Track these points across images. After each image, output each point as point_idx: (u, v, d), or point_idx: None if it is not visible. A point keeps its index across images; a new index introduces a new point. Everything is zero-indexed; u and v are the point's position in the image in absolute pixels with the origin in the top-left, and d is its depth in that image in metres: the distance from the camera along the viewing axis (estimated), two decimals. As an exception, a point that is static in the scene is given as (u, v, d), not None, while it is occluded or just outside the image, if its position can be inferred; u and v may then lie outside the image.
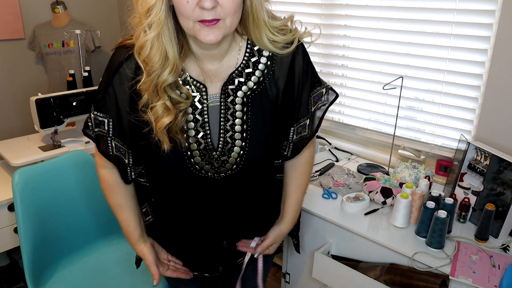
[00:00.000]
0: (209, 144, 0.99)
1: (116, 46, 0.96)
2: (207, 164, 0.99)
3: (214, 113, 0.98)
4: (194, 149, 0.98)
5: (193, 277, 1.19)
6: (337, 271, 1.46)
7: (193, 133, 0.97)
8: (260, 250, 1.15)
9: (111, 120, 0.97)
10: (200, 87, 0.96)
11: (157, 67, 0.88)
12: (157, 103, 0.91)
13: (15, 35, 2.70)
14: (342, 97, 2.09)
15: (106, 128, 0.98)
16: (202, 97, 0.97)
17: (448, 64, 1.68)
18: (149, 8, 0.84)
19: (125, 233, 1.12)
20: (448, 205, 1.34)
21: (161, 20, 0.84)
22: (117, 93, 0.95)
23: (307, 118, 1.05)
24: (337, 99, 1.09)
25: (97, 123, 0.99)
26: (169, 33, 0.87)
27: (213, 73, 0.97)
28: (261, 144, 1.01)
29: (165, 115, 0.91)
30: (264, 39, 0.94)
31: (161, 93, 0.90)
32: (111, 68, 0.95)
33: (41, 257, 1.50)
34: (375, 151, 2.03)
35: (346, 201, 1.55)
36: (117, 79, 0.94)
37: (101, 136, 1.00)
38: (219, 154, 0.99)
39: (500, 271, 1.23)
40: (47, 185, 1.54)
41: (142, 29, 0.86)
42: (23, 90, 2.78)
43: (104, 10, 3.09)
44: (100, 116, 0.98)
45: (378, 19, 1.83)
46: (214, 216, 1.08)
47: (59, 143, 2.07)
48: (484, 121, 1.61)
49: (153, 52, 0.87)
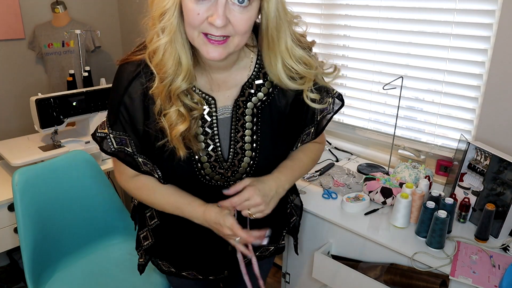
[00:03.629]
0: (220, 156, 0.98)
1: (120, 61, 0.94)
2: (217, 174, 0.99)
3: (224, 124, 0.98)
4: (204, 161, 0.97)
5: (197, 280, 1.19)
6: (337, 271, 1.46)
7: (203, 146, 0.96)
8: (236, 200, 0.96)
9: (131, 138, 0.96)
10: (209, 100, 0.95)
11: (170, 73, 0.86)
12: (170, 110, 0.88)
13: (15, 35, 2.70)
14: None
15: (129, 147, 0.96)
16: (211, 109, 0.95)
17: (448, 64, 1.68)
18: (162, 12, 0.82)
19: (186, 213, 1.01)
20: (448, 205, 1.34)
21: (174, 26, 0.82)
22: (130, 111, 0.93)
23: (313, 127, 1.06)
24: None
25: (118, 141, 0.96)
26: (181, 40, 0.85)
27: (221, 81, 0.96)
28: (271, 153, 1.02)
29: (180, 122, 0.89)
30: (279, 65, 0.90)
31: (174, 99, 0.88)
32: (120, 87, 0.92)
33: (41, 257, 1.50)
34: (375, 151, 2.03)
35: (346, 201, 1.55)
36: (128, 98, 0.92)
37: (124, 154, 0.98)
38: (229, 165, 0.99)
39: (500, 271, 1.23)
40: (47, 185, 1.54)
41: (155, 33, 0.84)
42: (23, 90, 2.78)
43: (104, 10, 3.08)
44: (119, 134, 0.96)
45: (378, 19, 1.83)
46: None
47: (59, 143, 2.07)
48: (484, 121, 1.61)
49: (166, 57, 0.85)
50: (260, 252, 1.22)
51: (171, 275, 1.21)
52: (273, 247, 1.25)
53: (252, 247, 1.13)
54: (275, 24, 0.85)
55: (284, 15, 0.86)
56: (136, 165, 0.99)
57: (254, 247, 1.13)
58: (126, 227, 1.71)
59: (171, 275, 1.21)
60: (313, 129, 1.06)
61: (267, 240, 0.99)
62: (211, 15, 0.78)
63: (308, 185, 1.74)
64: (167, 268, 1.20)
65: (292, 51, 0.89)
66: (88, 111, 2.10)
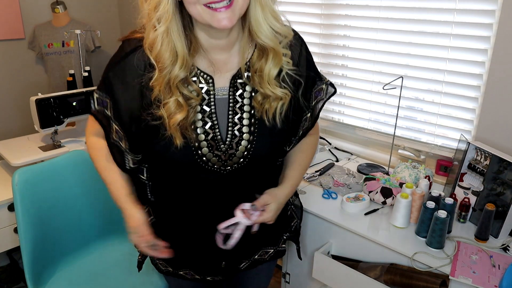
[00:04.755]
0: (217, 135, 0.99)
1: (123, 38, 0.96)
2: (214, 156, 0.99)
3: (222, 105, 0.98)
4: (201, 139, 0.97)
5: (195, 281, 1.18)
6: (337, 271, 1.46)
7: (200, 124, 0.97)
8: (254, 219, 1.05)
9: (110, 101, 0.98)
10: (207, 79, 0.97)
11: (168, 63, 0.89)
12: (170, 99, 0.91)
13: (15, 35, 2.70)
14: (342, 97, 2.09)
15: (108, 109, 0.98)
16: (209, 87, 0.97)
17: (448, 64, 1.68)
18: (157, 2, 0.85)
19: (112, 194, 1.08)
20: (448, 205, 1.34)
21: (170, 13, 0.85)
22: (115, 80, 0.95)
23: (309, 112, 1.08)
24: (337, 98, 1.11)
25: (99, 102, 0.99)
26: (177, 28, 0.88)
27: (222, 63, 0.97)
28: (268, 138, 1.02)
29: (178, 112, 0.92)
30: (268, 29, 0.92)
31: (174, 89, 0.91)
32: (121, 53, 0.95)
33: (41, 257, 1.50)
34: (375, 151, 2.03)
35: (346, 201, 1.55)
36: (120, 68, 0.94)
37: (102, 116, 1.00)
38: (226, 147, 0.99)
39: (500, 271, 1.23)
40: (47, 185, 1.54)
41: (152, 25, 0.87)
42: (23, 90, 2.78)
43: (104, 10, 3.09)
44: (101, 96, 0.99)
45: (378, 19, 1.83)
46: (218, 213, 1.06)
47: (59, 143, 2.07)
48: (484, 121, 1.61)
49: (163, 48, 0.88)
50: (259, 255, 1.21)
51: (169, 274, 1.20)
52: (272, 250, 1.23)
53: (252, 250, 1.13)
54: None
55: None
56: (109, 130, 1.00)
57: (251, 251, 1.14)
58: (126, 227, 1.71)
59: (169, 274, 1.20)
60: (309, 114, 1.08)
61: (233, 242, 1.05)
62: None
63: (308, 185, 1.74)
64: (165, 267, 1.19)
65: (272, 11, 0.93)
66: (88, 111, 2.09)
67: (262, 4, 0.90)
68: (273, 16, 0.92)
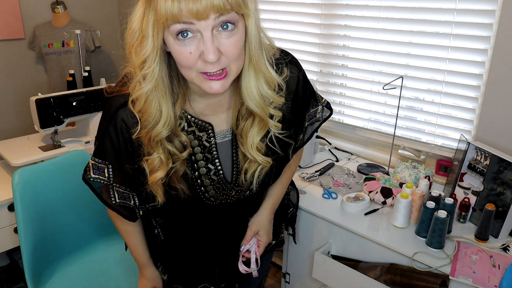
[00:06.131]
0: (222, 179, 1.00)
1: (110, 91, 0.93)
2: (222, 195, 1.01)
3: (224, 148, 0.98)
4: (207, 185, 0.98)
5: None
6: (337, 271, 1.46)
7: (204, 171, 0.97)
8: (257, 250, 1.18)
9: (110, 166, 0.95)
10: (206, 126, 0.95)
11: (151, 120, 0.85)
12: (152, 156, 0.89)
13: (15, 35, 2.70)
14: (342, 97, 2.09)
15: (106, 176, 0.96)
16: (208, 136, 0.96)
17: (448, 64, 1.68)
18: (143, 60, 0.81)
19: (134, 254, 1.15)
20: (448, 205, 1.34)
21: (155, 73, 0.81)
22: (114, 140, 0.92)
23: (301, 134, 1.08)
24: (338, 98, 1.11)
25: (95, 170, 0.96)
26: (163, 87, 0.84)
27: (216, 104, 0.96)
28: (273, 167, 1.02)
29: (160, 169, 0.89)
30: (258, 96, 0.89)
31: (155, 145, 0.88)
32: (107, 116, 0.92)
33: (41, 257, 1.50)
34: (375, 151, 2.03)
35: (346, 201, 1.55)
36: (113, 127, 0.91)
37: (102, 184, 0.98)
38: (232, 186, 1.01)
39: (500, 271, 1.23)
40: (47, 185, 1.54)
41: (138, 81, 0.83)
42: (23, 90, 2.78)
43: (104, 10, 3.08)
44: (98, 162, 0.96)
45: (378, 19, 1.83)
46: (224, 234, 1.12)
47: (59, 143, 2.07)
48: (484, 121, 1.61)
49: (147, 105, 0.85)
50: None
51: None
52: (274, 242, 1.29)
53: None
54: (258, 41, 0.85)
55: (261, 35, 0.86)
56: (109, 198, 0.99)
57: None
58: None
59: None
60: (301, 136, 1.08)
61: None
62: (202, 52, 0.77)
63: (308, 185, 1.74)
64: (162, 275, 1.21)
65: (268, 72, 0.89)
66: (88, 111, 2.10)
67: (255, 68, 0.86)
68: (266, 79, 0.89)
